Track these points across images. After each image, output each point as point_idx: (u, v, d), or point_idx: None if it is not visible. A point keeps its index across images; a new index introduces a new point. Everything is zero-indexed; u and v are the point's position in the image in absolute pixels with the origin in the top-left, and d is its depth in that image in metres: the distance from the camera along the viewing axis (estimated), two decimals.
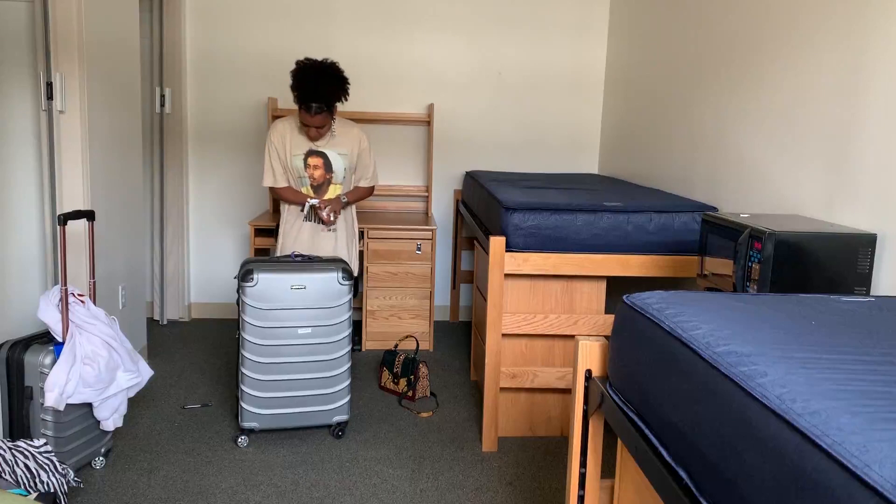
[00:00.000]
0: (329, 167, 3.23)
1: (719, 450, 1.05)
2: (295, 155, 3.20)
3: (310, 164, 3.22)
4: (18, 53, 3.00)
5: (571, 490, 1.68)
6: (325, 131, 3.16)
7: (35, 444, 2.30)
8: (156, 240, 4.58)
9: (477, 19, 4.65)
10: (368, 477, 2.72)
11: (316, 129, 3.11)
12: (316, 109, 3.02)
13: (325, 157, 3.23)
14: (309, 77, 2.99)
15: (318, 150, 3.22)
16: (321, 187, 3.27)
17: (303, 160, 3.21)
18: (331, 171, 3.24)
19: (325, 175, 3.24)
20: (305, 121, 3.07)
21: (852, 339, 1.21)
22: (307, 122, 3.07)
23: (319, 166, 3.23)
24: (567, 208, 2.79)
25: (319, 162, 3.23)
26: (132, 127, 3.63)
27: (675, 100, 3.51)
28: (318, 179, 3.25)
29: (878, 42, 2.09)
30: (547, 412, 3.12)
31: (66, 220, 2.54)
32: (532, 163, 4.82)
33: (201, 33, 4.52)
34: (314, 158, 3.22)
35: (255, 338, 2.87)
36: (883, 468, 0.78)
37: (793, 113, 2.51)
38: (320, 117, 3.06)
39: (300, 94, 3.01)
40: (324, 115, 3.06)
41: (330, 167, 3.24)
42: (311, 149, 3.21)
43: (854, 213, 2.17)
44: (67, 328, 2.51)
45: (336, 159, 3.24)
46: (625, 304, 1.49)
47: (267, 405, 2.91)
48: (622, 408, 1.44)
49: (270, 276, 2.86)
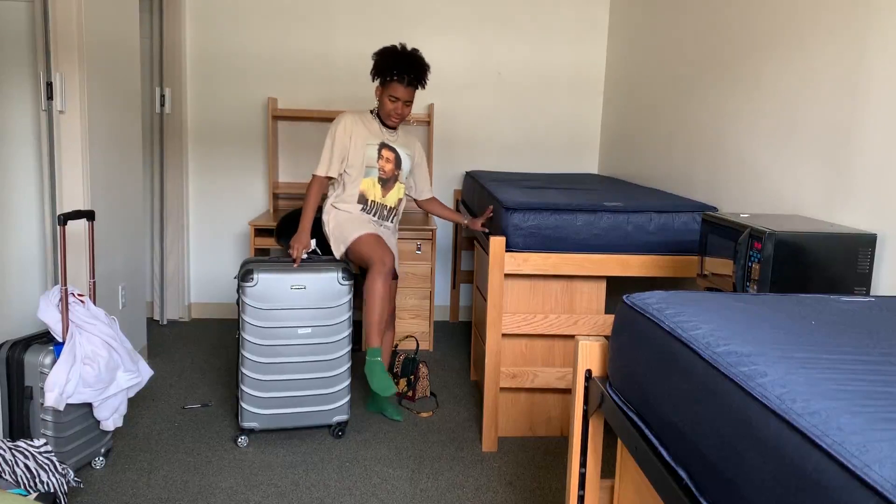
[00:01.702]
0: (399, 163, 3.14)
1: (719, 450, 1.05)
2: (369, 144, 3.08)
3: (383, 156, 3.10)
4: (18, 53, 3.00)
5: (571, 490, 1.68)
6: (407, 113, 3.08)
7: (35, 444, 2.30)
8: (156, 240, 4.58)
9: (477, 19, 4.65)
10: (368, 477, 2.72)
11: (402, 107, 3.04)
12: (409, 81, 2.98)
13: (396, 153, 3.13)
14: (402, 53, 3.00)
15: (390, 145, 3.13)
16: (388, 182, 3.13)
17: (377, 150, 3.09)
18: (399, 168, 3.14)
19: (394, 171, 3.13)
20: (397, 93, 3.00)
21: (852, 339, 1.21)
22: (398, 94, 3.00)
23: (391, 160, 3.12)
24: (567, 208, 2.79)
25: (392, 156, 3.12)
26: (132, 127, 3.63)
27: (675, 100, 3.51)
28: (388, 173, 3.12)
29: (878, 42, 2.09)
30: (547, 412, 3.12)
31: (66, 220, 2.54)
32: (532, 163, 4.82)
33: (201, 33, 4.52)
34: (388, 151, 3.11)
35: (255, 338, 2.87)
36: (883, 468, 0.78)
37: (793, 113, 2.51)
38: (411, 91, 3.01)
39: (397, 65, 2.97)
40: (412, 92, 3.03)
41: (399, 164, 3.14)
42: (383, 141, 3.11)
43: (854, 213, 2.17)
44: (67, 328, 2.51)
45: (405, 159, 3.16)
46: (625, 304, 1.49)
47: (267, 405, 2.91)
48: (622, 408, 1.44)
49: (270, 276, 2.86)
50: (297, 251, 2.97)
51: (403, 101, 3.03)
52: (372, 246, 2.94)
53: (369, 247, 2.94)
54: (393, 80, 3.00)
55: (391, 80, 3.00)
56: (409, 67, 2.98)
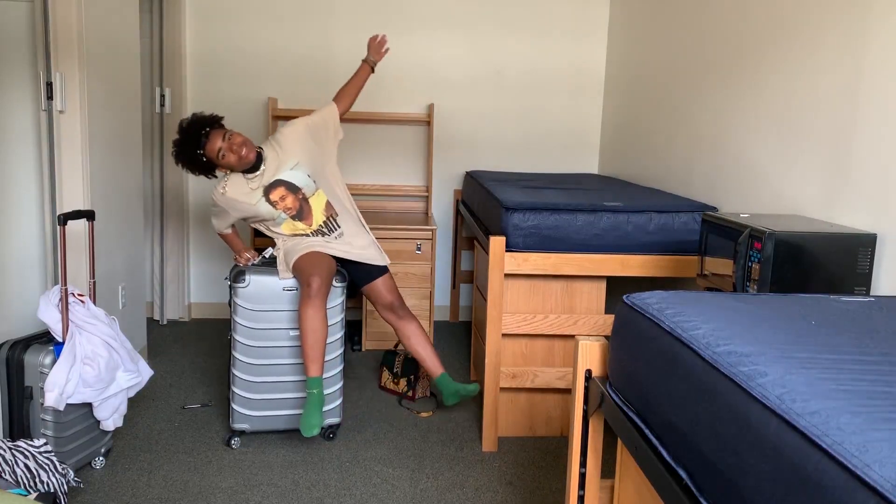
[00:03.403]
0: (293, 187, 2.89)
1: (719, 450, 1.05)
2: (257, 203, 2.88)
3: (276, 200, 2.88)
4: (18, 53, 3.00)
5: (571, 490, 1.68)
6: (239, 142, 2.81)
7: (35, 444, 2.30)
8: (156, 240, 4.58)
9: (477, 19, 4.65)
10: (368, 477, 2.72)
11: (230, 145, 2.80)
12: (207, 132, 2.80)
13: (283, 183, 2.89)
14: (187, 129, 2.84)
15: (270, 183, 2.88)
16: (302, 211, 2.92)
17: (266, 202, 2.88)
18: (299, 190, 2.90)
19: (296, 198, 2.90)
20: (215, 145, 2.80)
21: (852, 339, 1.21)
22: (217, 144, 2.80)
23: (285, 195, 2.89)
24: (567, 208, 2.79)
25: (282, 190, 2.88)
26: (132, 127, 3.63)
27: (675, 100, 3.51)
28: (294, 206, 2.91)
29: (879, 42, 2.09)
30: (547, 412, 3.12)
31: (66, 220, 2.54)
32: (532, 163, 4.82)
33: (201, 33, 4.52)
34: (276, 192, 2.88)
35: (247, 339, 2.87)
36: (883, 468, 0.78)
37: (793, 112, 2.51)
38: (220, 132, 2.82)
39: (193, 135, 2.81)
40: (221, 132, 2.83)
41: (294, 187, 2.89)
42: (263, 186, 2.89)
43: (854, 213, 2.17)
44: (67, 328, 2.51)
45: (295, 175, 2.90)
46: (625, 304, 1.49)
47: (258, 407, 2.91)
48: (622, 408, 1.44)
49: (262, 278, 2.86)
50: (243, 259, 2.98)
51: (226, 141, 2.82)
52: (304, 266, 2.78)
53: (300, 268, 2.79)
54: (205, 143, 2.81)
55: (203, 144, 2.81)
56: (195, 130, 2.81)
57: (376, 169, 4.75)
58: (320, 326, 2.69)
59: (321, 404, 2.66)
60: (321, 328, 2.69)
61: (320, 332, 2.69)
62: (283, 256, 2.93)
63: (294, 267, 2.82)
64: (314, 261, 2.80)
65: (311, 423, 2.61)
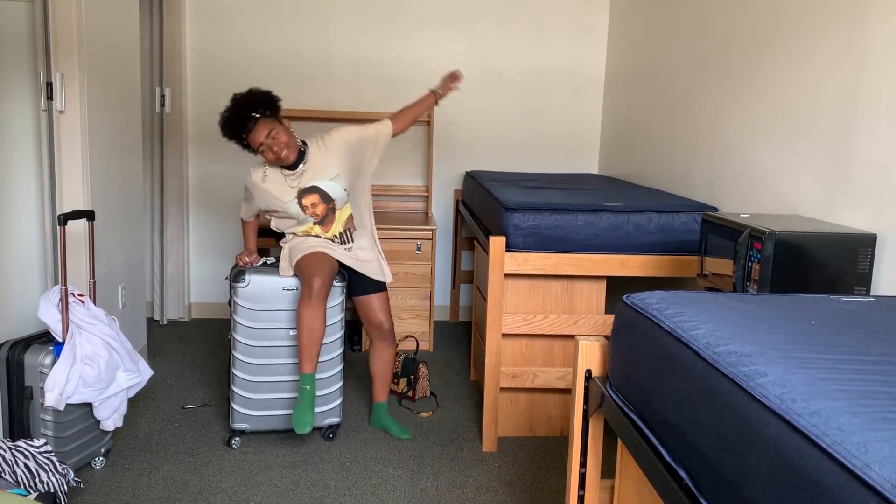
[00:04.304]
0: (327, 198, 2.87)
1: (719, 450, 1.05)
2: (287, 201, 2.85)
3: (307, 205, 2.86)
4: (18, 53, 3.00)
5: (571, 490, 1.68)
6: (282, 142, 2.77)
7: (35, 444, 2.30)
8: (156, 240, 4.58)
9: (477, 19, 4.65)
10: (368, 477, 2.72)
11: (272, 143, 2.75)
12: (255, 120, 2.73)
13: (318, 191, 2.86)
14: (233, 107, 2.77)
15: (306, 188, 2.85)
16: (325, 219, 2.91)
17: (297, 204, 2.86)
18: (332, 200, 2.89)
19: (326, 208, 2.89)
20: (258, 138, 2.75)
21: (852, 339, 1.21)
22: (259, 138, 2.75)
23: (318, 201, 2.87)
24: (567, 208, 2.79)
25: (316, 197, 2.87)
26: (132, 127, 3.63)
27: (675, 100, 3.51)
28: (321, 214, 2.89)
29: (879, 42, 2.09)
30: (547, 412, 3.12)
31: (66, 220, 2.54)
32: (532, 163, 4.82)
33: (201, 33, 4.52)
34: (308, 197, 2.86)
35: (247, 339, 2.87)
36: (883, 468, 0.78)
37: (793, 112, 2.51)
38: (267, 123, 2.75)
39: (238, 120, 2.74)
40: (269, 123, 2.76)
41: (328, 198, 2.87)
42: (299, 189, 2.85)
43: (854, 213, 2.17)
44: (67, 328, 2.51)
45: (332, 187, 2.87)
46: (625, 304, 1.49)
47: (257, 407, 2.91)
48: (622, 408, 1.44)
49: (262, 278, 2.86)
50: (241, 260, 2.97)
51: (269, 138, 2.75)
52: (307, 265, 2.77)
53: (303, 267, 2.77)
54: (250, 130, 2.75)
55: (249, 130, 2.76)
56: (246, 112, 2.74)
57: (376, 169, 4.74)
58: (318, 326, 2.69)
59: (313, 401, 2.67)
60: (319, 328, 2.69)
61: (318, 331, 2.69)
62: (287, 253, 2.93)
63: (297, 265, 2.82)
64: (317, 261, 2.79)
65: (305, 420, 2.61)
